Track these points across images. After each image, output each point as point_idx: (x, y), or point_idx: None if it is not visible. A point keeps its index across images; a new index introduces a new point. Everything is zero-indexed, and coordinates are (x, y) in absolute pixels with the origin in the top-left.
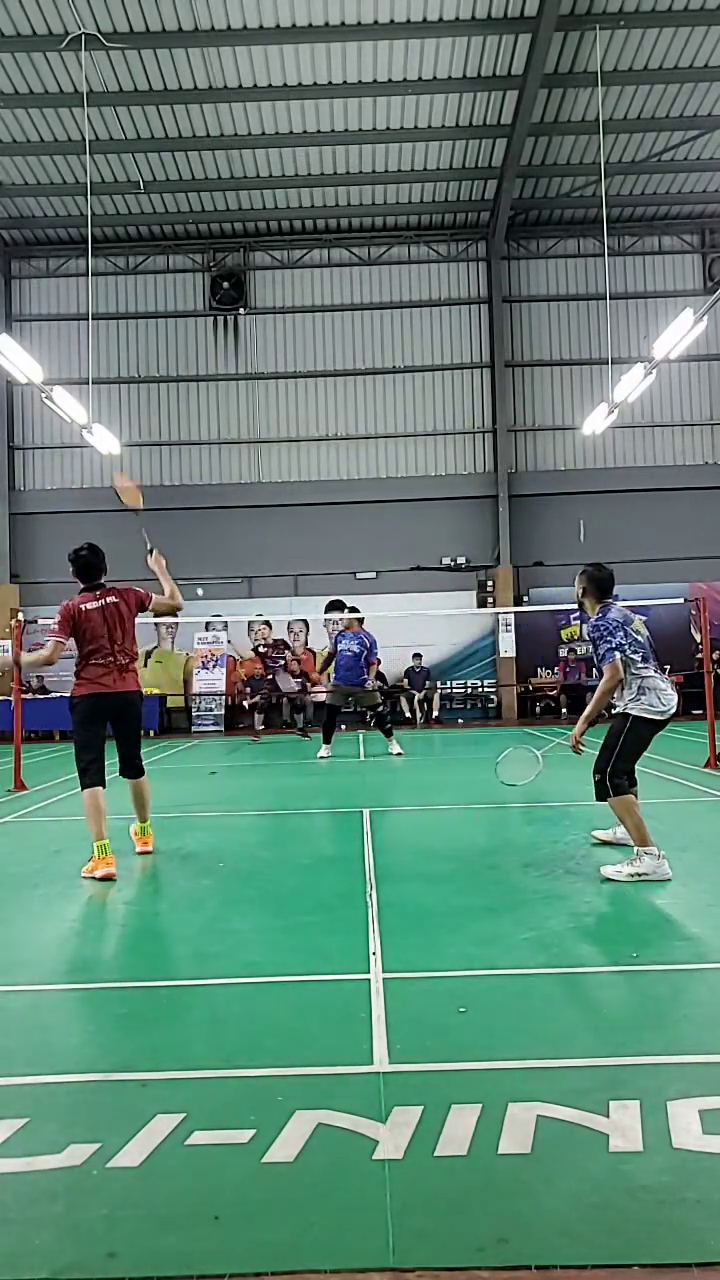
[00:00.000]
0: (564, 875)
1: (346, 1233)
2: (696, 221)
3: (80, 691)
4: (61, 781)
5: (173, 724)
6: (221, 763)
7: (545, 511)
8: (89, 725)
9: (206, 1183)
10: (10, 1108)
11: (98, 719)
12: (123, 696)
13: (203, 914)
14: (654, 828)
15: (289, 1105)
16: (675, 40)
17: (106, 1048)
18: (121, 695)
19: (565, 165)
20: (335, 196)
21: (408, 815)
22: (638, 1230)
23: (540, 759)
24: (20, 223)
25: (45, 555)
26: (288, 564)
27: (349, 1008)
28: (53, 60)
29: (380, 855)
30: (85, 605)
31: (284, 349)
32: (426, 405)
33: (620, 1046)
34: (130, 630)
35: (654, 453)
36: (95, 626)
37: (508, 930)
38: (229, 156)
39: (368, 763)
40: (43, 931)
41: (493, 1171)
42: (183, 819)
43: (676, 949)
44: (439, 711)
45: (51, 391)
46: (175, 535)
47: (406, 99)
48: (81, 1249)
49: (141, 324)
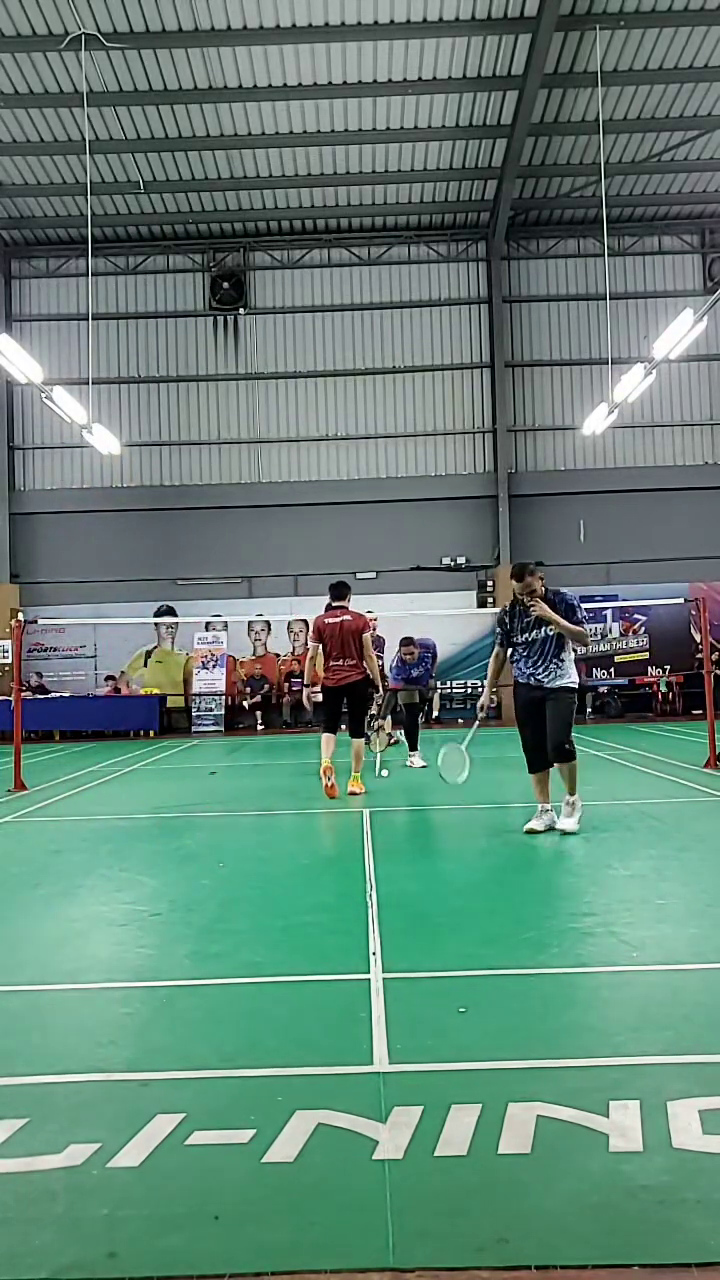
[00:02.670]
0: (564, 875)
1: (346, 1233)
2: (696, 221)
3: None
4: (62, 781)
5: (173, 724)
6: (221, 763)
7: (545, 511)
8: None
9: (206, 1183)
10: (10, 1108)
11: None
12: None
13: (203, 914)
14: (654, 827)
15: (289, 1105)
16: (675, 40)
17: (106, 1048)
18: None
19: (565, 165)
20: (335, 196)
21: (408, 815)
22: (637, 1230)
23: (465, 753)
24: (20, 223)
25: (45, 555)
26: (288, 564)
27: (349, 1008)
28: (53, 60)
29: (380, 855)
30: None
31: (284, 349)
32: (426, 405)
33: (620, 1046)
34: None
35: (654, 453)
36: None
37: (508, 930)
38: (229, 156)
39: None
40: (43, 931)
41: (493, 1171)
42: (183, 819)
43: (676, 949)
44: (439, 711)
45: (51, 391)
46: (175, 535)
47: (406, 99)
48: (81, 1249)
49: (141, 324)
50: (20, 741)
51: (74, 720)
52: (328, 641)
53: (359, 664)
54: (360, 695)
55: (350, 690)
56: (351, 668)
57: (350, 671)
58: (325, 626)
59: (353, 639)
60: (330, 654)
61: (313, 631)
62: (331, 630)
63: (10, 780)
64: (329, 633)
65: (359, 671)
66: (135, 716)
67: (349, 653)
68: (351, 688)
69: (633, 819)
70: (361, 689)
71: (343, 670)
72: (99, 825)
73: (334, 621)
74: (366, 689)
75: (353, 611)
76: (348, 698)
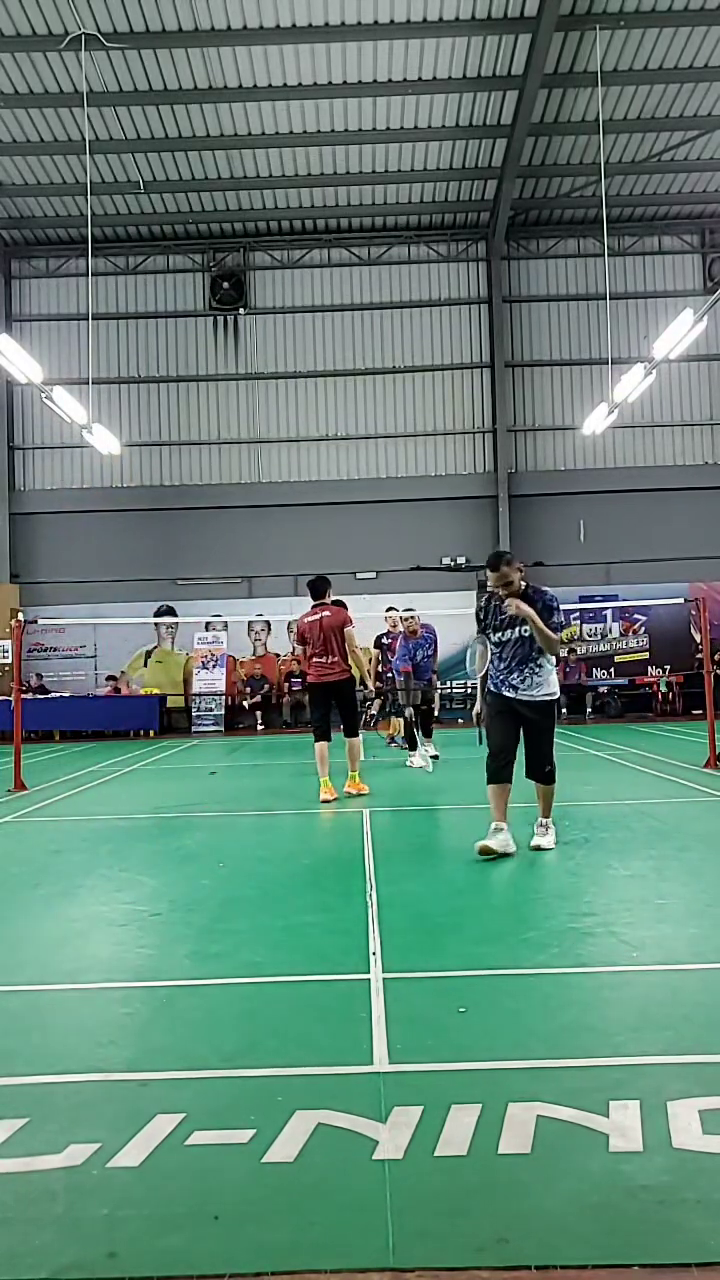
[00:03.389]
0: (564, 875)
1: (346, 1233)
2: (696, 221)
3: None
4: (62, 781)
5: (173, 724)
6: (221, 763)
7: (545, 511)
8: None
9: (206, 1183)
10: (10, 1108)
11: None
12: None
13: (203, 914)
14: (654, 827)
15: (289, 1105)
16: (675, 40)
17: (106, 1048)
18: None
19: (565, 165)
20: (335, 196)
21: (408, 815)
22: (637, 1230)
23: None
24: (20, 223)
25: (45, 555)
26: (288, 564)
27: (349, 1008)
28: (53, 60)
29: (380, 855)
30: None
31: (284, 349)
32: (426, 405)
33: (620, 1046)
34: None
35: (654, 453)
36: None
37: (508, 930)
38: (229, 156)
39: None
40: (43, 931)
41: (493, 1171)
42: (183, 819)
43: (676, 949)
44: (439, 711)
45: (51, 391)
46: (175, 535)
47: (406, 99)
48: (81, 1249)
49: (141, 324)
50: (20, 741)
51: (74, 720)
52: (310, 641)
53: (341, 660)
54: (346, 695)
55: (335, 690)
56: (335, 665)
57: (332, 669)
58: (305, 626)
59: (334, 635)
60: (314, 652)
61: (295, 635)
62: (311, 628)
63: (10, 780)
64: (309, 631)
65: (343, 670)
66: (135, 716)
67: (331, 649)
68: (337, 687)
69: (633, 819)
70: (347, 689)
71: (325, 667)
72: (99, 825)
73: (313, 619)
74: (350, 688)
75: (333, 606)
76: (335, 698)
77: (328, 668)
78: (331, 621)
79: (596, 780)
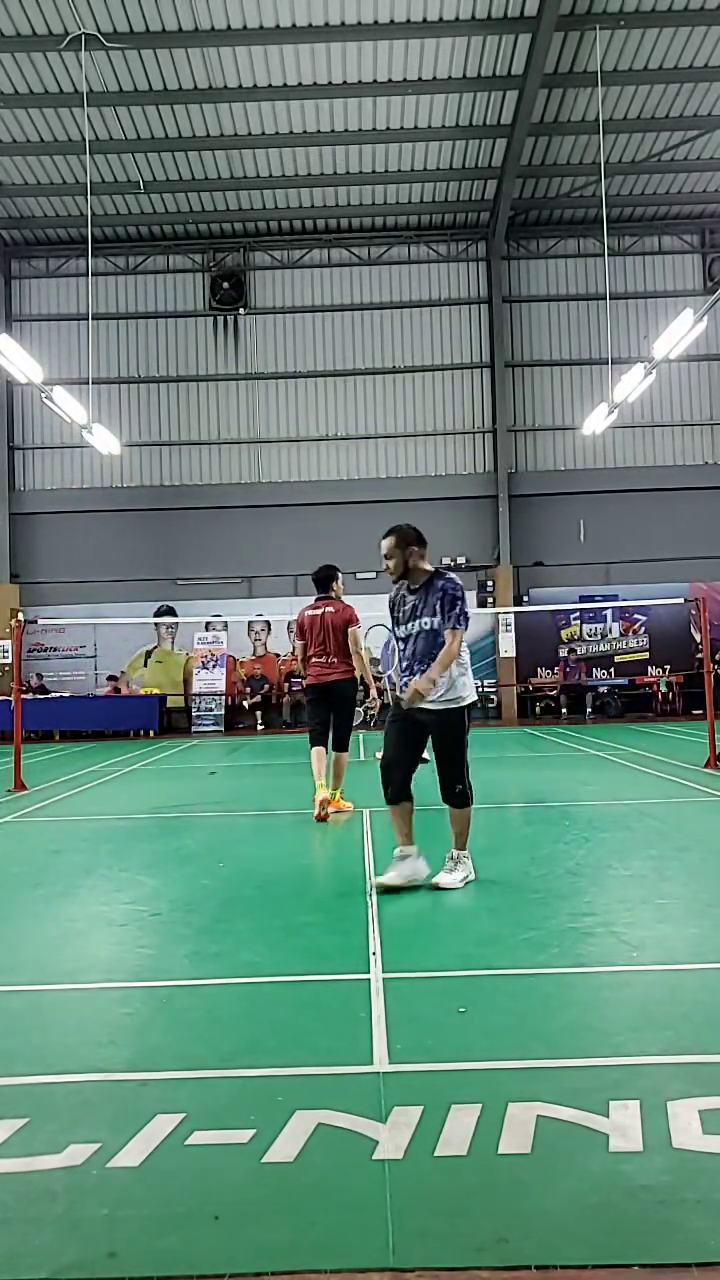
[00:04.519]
0: (564, 875)
1: (346, 1233)
2: (696, 221)
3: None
4: (62, 781)
5: (173, 724)
6: (221, 763)
7: (545, 511)
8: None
9: (206, 1183)
10: (10, 1108)
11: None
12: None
13: (202, 914)
14: (654, 827)
15: (289, 1105)
16: (675, 40)
17: (106, 1048)
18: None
19: (565, 165)
20: (335, 196)
21: None
22: (637, 1230)
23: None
24: (20, 223)
25: (45, 555)
26: (288, 564)
27: (349, 1008)
28: (53, 60)
29: (380, 855)
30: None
31: (284, 349)
32: (426, 405)
33: (620, 1046)
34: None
35: (654, 453)
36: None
37: (508, 930)
38: (229, 156)
39: (369, 763)
40: (43, 931)
41: (493, 1171)
42: (182, 819)
43: (676, 949)
44: None
45: (51, 391)
46: (175, 535)
47: (406, 99)
48: (81, 1249)
49: (141, 324)
50: (20, 741)
51: (74, 720)
52: (309, 636)
53: (342, 661)
54: (343, 699)
55: (335, 691)
56: (333, 665)
57: (332, 669)
58: (305, 620)
59: (335, 633)
60: (312, 650)
61: (295, 628)
62: (311, 623)
63: (10, 780)
64: (309, 625)
65: (342, 670)
66: (135, 716)
67: (330, 648)
68: (334, 688)
69: (633, 819)
70: (344, 691)
71: (325, 667)
72: (99, 825)
73: (314, 614)
74: (351, 692)
75: (338, 603)
76: (333, 700)
77: (327, 668)
78: (335, 618)
79: (596, 780)
